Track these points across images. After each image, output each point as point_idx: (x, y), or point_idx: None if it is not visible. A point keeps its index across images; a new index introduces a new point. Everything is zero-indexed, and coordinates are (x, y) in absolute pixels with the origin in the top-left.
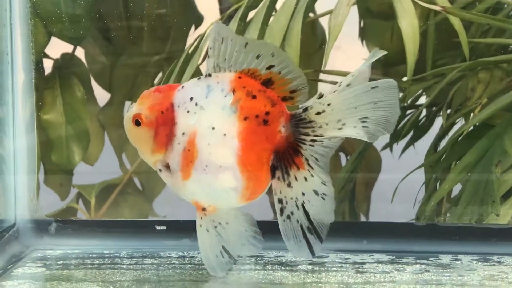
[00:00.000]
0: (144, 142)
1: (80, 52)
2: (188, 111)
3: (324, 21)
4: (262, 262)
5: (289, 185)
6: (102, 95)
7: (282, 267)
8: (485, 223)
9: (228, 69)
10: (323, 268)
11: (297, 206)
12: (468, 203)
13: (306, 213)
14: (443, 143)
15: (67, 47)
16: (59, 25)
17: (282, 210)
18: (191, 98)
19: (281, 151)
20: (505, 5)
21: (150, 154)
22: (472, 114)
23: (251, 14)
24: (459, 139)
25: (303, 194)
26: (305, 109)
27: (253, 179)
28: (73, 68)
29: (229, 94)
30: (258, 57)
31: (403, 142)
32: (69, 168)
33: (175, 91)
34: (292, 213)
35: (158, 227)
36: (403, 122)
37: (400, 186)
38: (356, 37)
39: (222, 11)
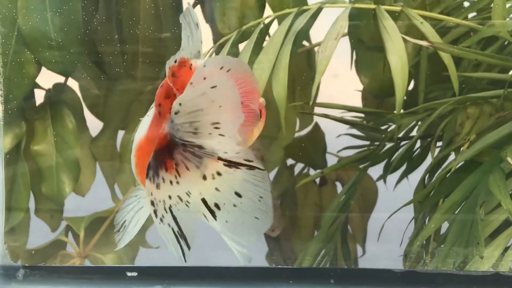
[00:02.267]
0: None
1: (73, 81)
2: None
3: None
4: None
5: (157, 186)
6: (95, 125)
7: None
8: (466, 269)
9: None
10: None
11: (165, 209)
12: (453, 244)
13: (174, 217)
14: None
15: (60, 77)
16: (48, 56)
17: (155, 213)
18: None
19: (158, 149)
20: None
21: None
22: (461, 150)
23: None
24: (447, 175)
25: (169, 197)
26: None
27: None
28: (65, 98)
29: None
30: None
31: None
32: (59, 199)
33: None
34: (163, 216)
35: (129, 274)
36: (396, 154)
37: (395, 223)
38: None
39: (214, 41)
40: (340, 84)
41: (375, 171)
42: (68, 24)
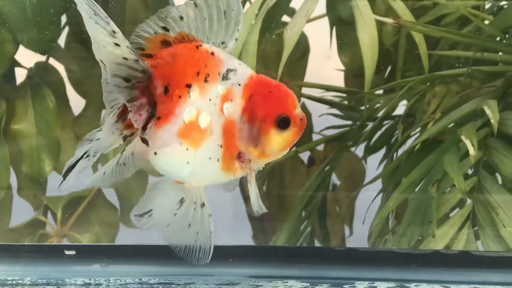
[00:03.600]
0: None
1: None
2: None
3: (306, 30)
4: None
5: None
6: (78, 104)
7: None
8: (421, 248)
9: None
10: None
11: None
12: (410, 223)
13: None
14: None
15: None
16: (27, 35)
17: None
18: None
19: None
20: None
21: None
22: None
23: None
24: (411, 154)
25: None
26: None
27: None
28: (47, 77)
29: None
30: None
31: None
32: (40, 178)
33: None
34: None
35: (67, 252)
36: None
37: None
38: None
39: None
40: (333, 64)
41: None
42: (46, 4)
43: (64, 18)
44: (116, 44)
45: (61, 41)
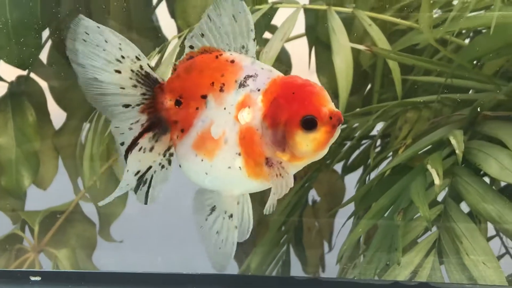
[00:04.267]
0: None
1: (39, 73)
2: None
3: (289, 47)
4: None
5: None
6: (59, 118)
7: None
8: (386, 275)
9: None
10: None
11: None
12: (377, 249)
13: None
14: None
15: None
16: (8, 50)
17: None
18: None
19: None
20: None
21: None
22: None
23: None
24: (381, 179)
25: None
26: None
27: None
28: (28, 91)
29: None
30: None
31: None
32: (18, 192)
33: None
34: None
35: (32, 278)
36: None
37: None
38: None
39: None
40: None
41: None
42: (27, 19)
43: (47, 32)
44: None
45: (44, 54)
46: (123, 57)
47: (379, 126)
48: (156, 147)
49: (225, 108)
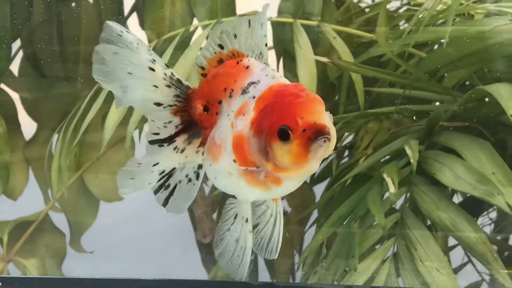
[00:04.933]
0: None
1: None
2: None
3: None
4: None
5: None
6: (30, 129)
7: None
8: (344, 281)
9: None
10: None
11: None
12: (336, 256)
13: None
14: None
15: None
16: None
17: None
18: None
19: None
20: None
21: None
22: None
23: None
24: (343, 188)
25: None
26: None
27: None
28: None
29: None
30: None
31: None
32: None
33: None
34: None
35: None
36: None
37: None
38: None
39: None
40: None
41: None
42: None
43: (18, 42)
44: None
45: (15, 65)
46: (154, 60)
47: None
48: (187, 149)
49: (228, 115)
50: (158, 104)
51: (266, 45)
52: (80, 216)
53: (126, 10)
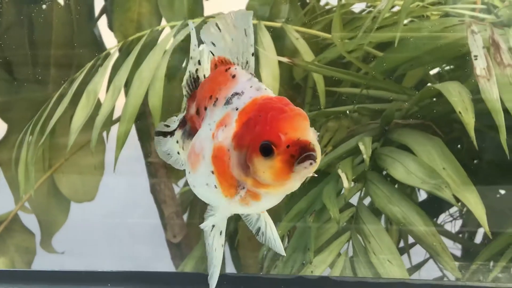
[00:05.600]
0: None
1: None
2: None
3: None
4: None
5: None
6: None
7: None
8: (302, 273)
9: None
10: None
11: None
12: (294, 250)
13: None
14: None
15: None
16: None
17: None
18: None
19: None
20: None
21: None
22: None
23: None
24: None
25: None
26: None
27: None
28: None
29: None
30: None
31: None
32: None
33: None
34: None
35: None
36: None
37: None
38: None
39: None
40: None
41: None
42: None
43: None
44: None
45: None
46: (192, 57)
47: None
48: (185, 146)
49: (209, 124)
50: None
51: (252, 54)
52: (51, 217)
53: (97, 13)
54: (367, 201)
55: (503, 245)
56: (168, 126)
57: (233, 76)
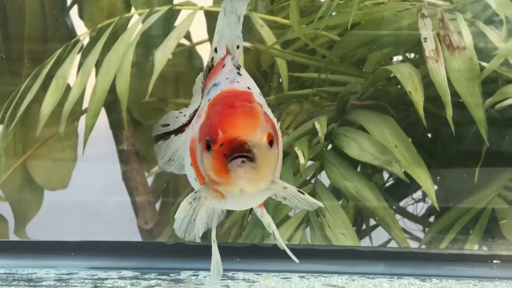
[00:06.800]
0: (276, 161)
1: None
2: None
3: (200, 50)
4: None
5: None
6: None
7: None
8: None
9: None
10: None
11: None
12: (254, 225)
13: None
14: None
15: None
16: None
17: None
18: (260, 94)
19: None
20: None
21: (274, 173)
22: None
23: None
24: None
25: None
26: None
27: None
28: None
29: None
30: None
31: None
32: None
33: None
34: None
35: None
36: None
37: None
38: None
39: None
40: None
41: None
42: None
43: None
44: None
45: None
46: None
47: None
48: None
49: (192, 114)
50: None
51: (238, 47)
52: (24, 205)
53: (69, 2)
54: (327, 182)
55: (452, 219)
56: (167, 125)
57: (223, 66)
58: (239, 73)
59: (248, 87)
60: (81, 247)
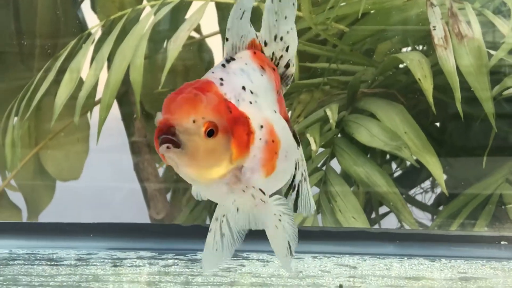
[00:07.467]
0: (220, 153)
1: None
2: (250, 102)
3: (210, 42)
4: None
5: None
6: None
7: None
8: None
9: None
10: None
11: None
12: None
13: None
14: None
15: None
16: None
17: None
18: (244, 88)
19: None
20: None
21: (226, 166)
22: None
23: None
24: None
25: None
26: None
27: None
28: None
29: (263, 72)
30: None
31: None
32: None
33: (218, 86)
34: None
35: None
36: None
37: None
38: None
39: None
40: None
41: None
42: None
43: None
44: None
45: None
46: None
47: None
48: None
49: None
50: None
51: (242, 37)
52: (37, 195)
53: None
54: (338, 168)
55: (460, 204)
56: None
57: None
58: (223, 65)
59: (221, 78)
60: (100, 229)
